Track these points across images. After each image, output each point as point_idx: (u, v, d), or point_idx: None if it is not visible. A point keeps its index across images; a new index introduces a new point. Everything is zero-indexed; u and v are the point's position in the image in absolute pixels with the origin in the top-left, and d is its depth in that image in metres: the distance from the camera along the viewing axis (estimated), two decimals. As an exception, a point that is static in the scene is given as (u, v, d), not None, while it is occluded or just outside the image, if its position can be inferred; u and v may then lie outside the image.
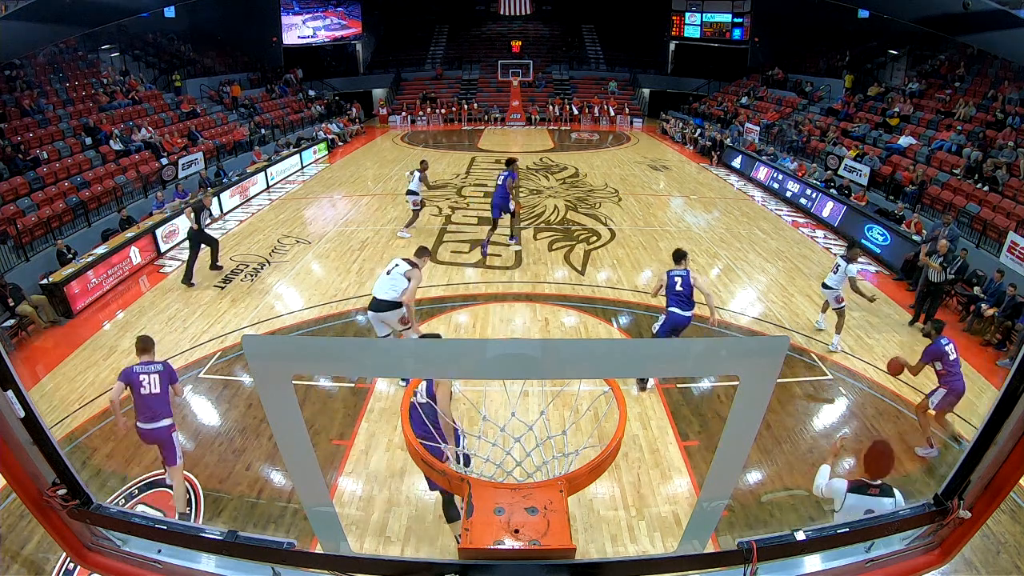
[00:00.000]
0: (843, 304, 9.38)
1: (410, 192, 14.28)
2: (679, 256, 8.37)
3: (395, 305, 7.70)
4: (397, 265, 7.80)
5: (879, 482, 4.41)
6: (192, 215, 11.68)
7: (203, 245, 12.07)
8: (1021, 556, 5.53)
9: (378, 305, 7.72)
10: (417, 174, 14.30)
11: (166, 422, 5.95)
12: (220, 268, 12.47)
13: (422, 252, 8.39)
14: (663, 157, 25.23)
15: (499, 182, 13.16)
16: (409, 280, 7.63)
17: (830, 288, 9.31)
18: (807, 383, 8.43)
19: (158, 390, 5.87)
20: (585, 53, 38.69)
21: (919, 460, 6.98)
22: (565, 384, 7.22)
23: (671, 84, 35.78)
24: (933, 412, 7.11)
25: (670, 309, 8.12)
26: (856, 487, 4.45)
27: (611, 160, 24.24)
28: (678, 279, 8.02)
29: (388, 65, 36.95)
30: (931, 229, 11.63)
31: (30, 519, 5.77)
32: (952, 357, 6.99)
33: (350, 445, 7.04)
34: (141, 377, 5.87)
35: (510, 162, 13.26)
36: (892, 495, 4.40)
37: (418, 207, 14.45)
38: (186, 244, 12.37)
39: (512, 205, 13.35)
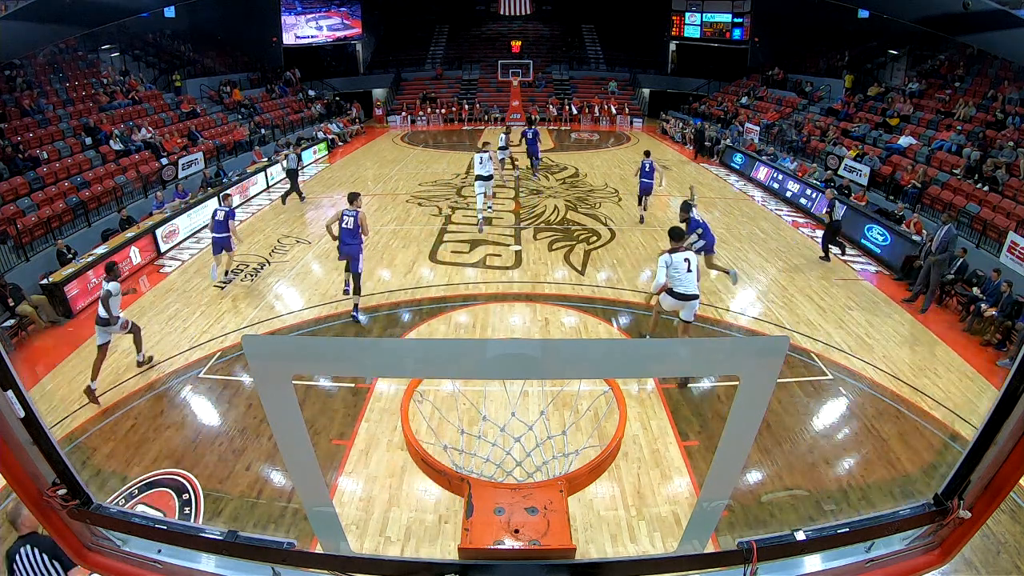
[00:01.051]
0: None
1: (502, 148, 19.20)
2: (648, 152, 15.29)
3: (491, 177, 14.41)
4: (483, 159, 14.14)
5: (682, 244, 8.06)
6: (293, 158, 17.93)
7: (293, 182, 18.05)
8: (1021, 556, 5.53)
9: (483, 177, 14.17)
10: (503, 136, 19.61)
11: (355, 246, 9.86)
12: (304, 199, 18.16)
13: (486, 145, 16.00)
14: (663, 157, 25.20)
15: (528, 138, 19.82)
16: (492, 160, 14.48)
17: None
18: (807, 383, 8.43)
19: (351, 227, 9.73)
20: (585, 53, 38.69)
21: (920, 460, 6.98)
22: (565, 384, 7.23)
23: (671, 84, 35.80)
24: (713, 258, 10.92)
25: (641, 179, 15.09)
26: (671, 251, 7.94)
27: (611, 160, 24.24)
28: (646, 164, 14.88)
29: (388, 65, 36.95)
30: (933, 230, 11.62)
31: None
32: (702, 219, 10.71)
33: (350, 445, 7.04)
34: (345, 217, 9.73)
35: (530, 121, 18.29)
36: (691, 248, 8.42)
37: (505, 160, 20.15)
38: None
39: (538, 147, 20.36)
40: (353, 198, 9.89)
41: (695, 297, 7.99)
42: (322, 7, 33.52)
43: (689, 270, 7.82)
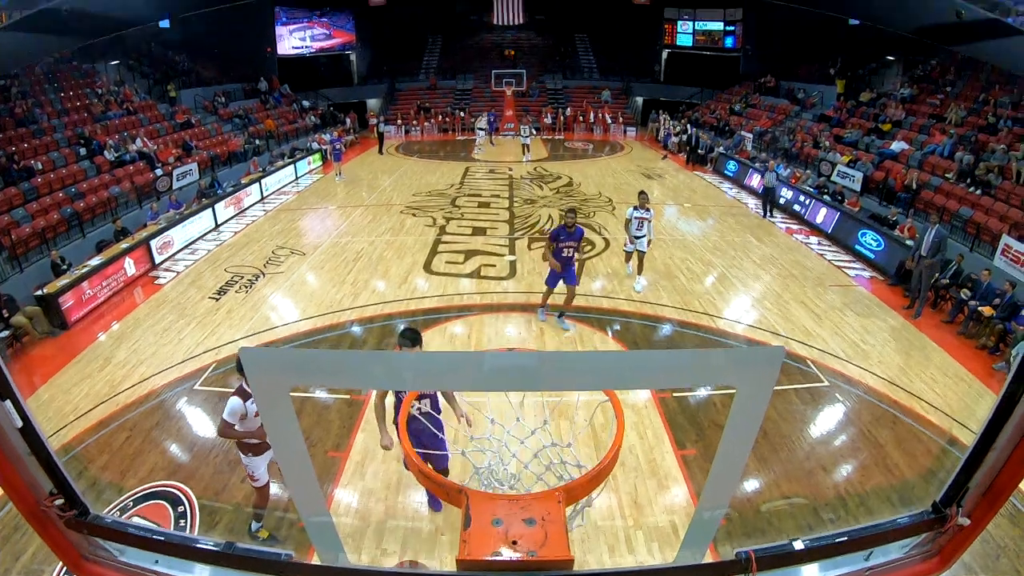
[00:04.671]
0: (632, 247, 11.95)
1: (481, 129, 28.99)
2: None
3: (484, 129, 28.07)
4: (485, 118, 28.50)
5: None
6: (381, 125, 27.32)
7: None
8: (1021, 560, 5.53)
9: (482, 128, 26.72)
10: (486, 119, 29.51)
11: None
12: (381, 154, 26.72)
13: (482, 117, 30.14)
14: (656, 165, 25.31)
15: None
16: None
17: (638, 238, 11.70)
18: (803, 390, 8.43)
19: None
20: (578, 62, 38.83)
21: (918, 467, 6.98)
22: (562, 395, 7.22)
23: (664, 92, 35.88)
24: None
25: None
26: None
27: (605, 169, 24.31)
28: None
29: (382, 75, 37.01)
30: (923, 232, 11.62)
31: (26, 530, 5.73)
32: (562, 246, 9.68)
33: (346, 457, 7.01)
34: None
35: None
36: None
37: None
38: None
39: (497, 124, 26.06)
40: None
41: None
42: (316, 18, 33.62)
43: None
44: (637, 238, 11.61)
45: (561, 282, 9.97)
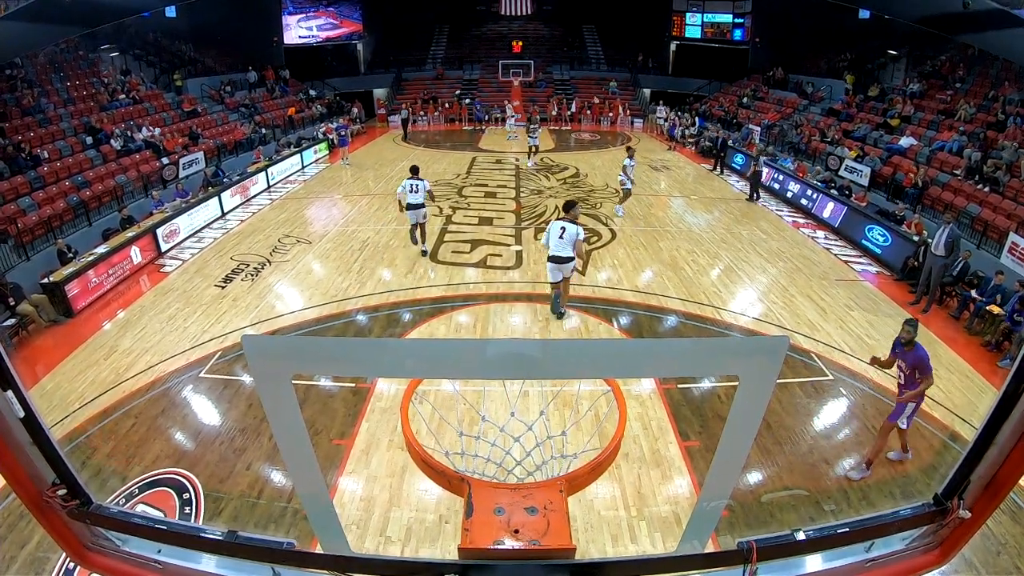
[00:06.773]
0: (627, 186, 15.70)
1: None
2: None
3: (515, 118, 28.63)
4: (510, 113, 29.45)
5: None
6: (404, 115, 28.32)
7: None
8: (1021, 557, 5.53)
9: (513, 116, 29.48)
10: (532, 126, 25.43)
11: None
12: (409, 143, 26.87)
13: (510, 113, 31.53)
14: (663, 157, 25.22)
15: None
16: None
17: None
18: (807, 383, 8.42)
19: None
20: (586, 53, 38.65)
21: (919, 460, 6.97)
22: (565, 384, 7.22)
23: (672, 84, 35.71)
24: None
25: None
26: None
27: (612, 160, 24.18)
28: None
29: (389, 65, 36.91)
30: (934, 231, 11.57)
31: (30, 519, 5.77)
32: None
33: (350, 445, 7.04)
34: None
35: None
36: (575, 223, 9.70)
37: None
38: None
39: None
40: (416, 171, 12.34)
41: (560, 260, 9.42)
42: (323, 7, 33.54)
43: (560, 237, 9.36)
44: (631, 179, 15.60)
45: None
